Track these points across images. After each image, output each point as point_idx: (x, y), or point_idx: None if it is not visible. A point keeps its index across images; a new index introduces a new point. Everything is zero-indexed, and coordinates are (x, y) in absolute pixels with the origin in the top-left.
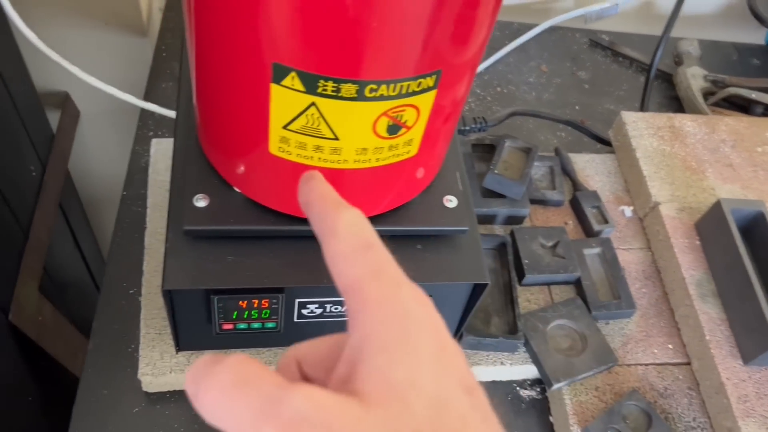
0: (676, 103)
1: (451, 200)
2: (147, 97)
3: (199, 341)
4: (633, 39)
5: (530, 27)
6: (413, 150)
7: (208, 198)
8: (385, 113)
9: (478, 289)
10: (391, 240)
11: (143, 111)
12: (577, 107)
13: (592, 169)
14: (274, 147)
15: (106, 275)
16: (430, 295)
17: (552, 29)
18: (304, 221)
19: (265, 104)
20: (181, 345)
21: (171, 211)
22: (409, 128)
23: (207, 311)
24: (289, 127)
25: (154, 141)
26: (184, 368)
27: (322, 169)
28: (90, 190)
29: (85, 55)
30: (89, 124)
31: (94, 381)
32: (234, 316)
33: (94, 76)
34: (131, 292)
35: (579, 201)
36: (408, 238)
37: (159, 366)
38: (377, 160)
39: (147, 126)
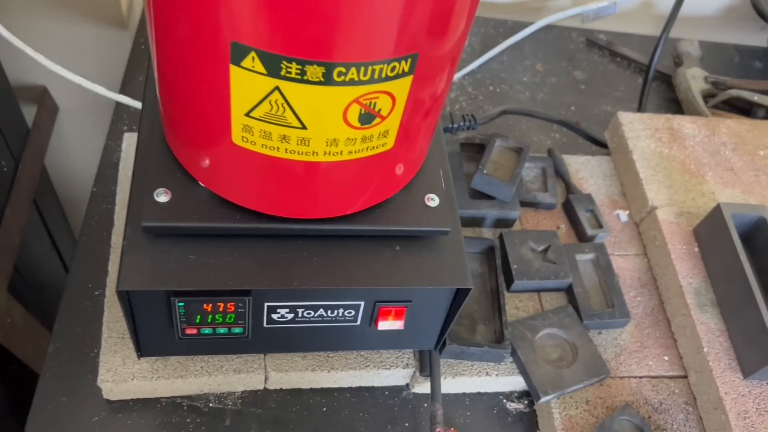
0: (675, 105)
1: (433, 199)
2: (123, 90)
3: (161, 347)
4: (631, 39)
5: (525, 25)
6: (389, 143)
7: (170, 193)
8: (356, 100)
9: (460, 295)
10: (367, 240)
11: (119, 105)
12: (572, 108)
13: (587, 172)
14: (237, 136)
15: (70, 275)
16: (410, 301)
17: (548, 28)
18: (273, 219)
19: (225, 88)
20: (142, 350)
21: (130, 207)
22: (383, 118)
23: (168, 314)
24: (251, 114)
25: (126, 135)
26: (147, 375)
27: (290, 162)
28: (68, 187)
29: (62, 48)
30: (68, 119)
31: (52, 387)
32: (197, 321)
33: (72, 69)
34: (96, 293)
35: (572, 204)
36: (386, 238)
37: (120, 372)
38: (350, 152)
39: (122, 120)
